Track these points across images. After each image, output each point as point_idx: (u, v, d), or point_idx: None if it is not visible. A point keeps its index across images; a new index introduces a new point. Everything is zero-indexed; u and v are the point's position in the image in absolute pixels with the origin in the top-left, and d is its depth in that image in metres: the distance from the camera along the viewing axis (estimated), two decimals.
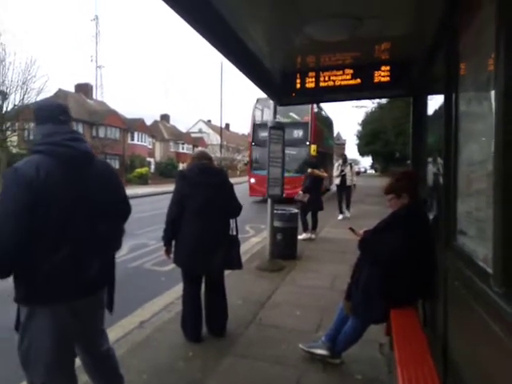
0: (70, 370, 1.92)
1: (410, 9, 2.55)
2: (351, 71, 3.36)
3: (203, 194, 3.18)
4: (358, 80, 3.34)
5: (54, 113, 1.84)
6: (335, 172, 11.29)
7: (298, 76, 3.53)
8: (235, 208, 3.45)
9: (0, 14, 44.29)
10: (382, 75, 3.28)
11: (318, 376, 2.82)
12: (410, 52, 3.20)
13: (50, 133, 1.79)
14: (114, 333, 3.31)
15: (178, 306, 3.81)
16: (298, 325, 3.71)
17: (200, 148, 4.62)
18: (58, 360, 1.81)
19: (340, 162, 11.43)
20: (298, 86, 3.50)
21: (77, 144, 1.81)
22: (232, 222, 3.44)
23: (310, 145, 14.91)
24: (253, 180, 15.91)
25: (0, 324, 2.73)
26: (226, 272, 3.51)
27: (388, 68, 3.26)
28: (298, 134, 15.04)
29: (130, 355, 3.03)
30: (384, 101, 17.69)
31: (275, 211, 6.08)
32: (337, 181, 11.14)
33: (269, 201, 5.99)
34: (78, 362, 2.04)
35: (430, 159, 3.09)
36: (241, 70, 3.40)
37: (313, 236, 8.01)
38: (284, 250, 6.13)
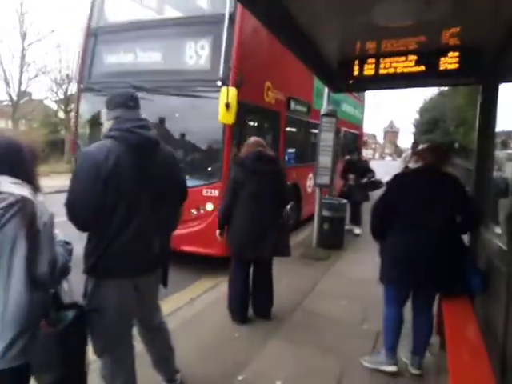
0: (128, 339, 2.08)
1: None
2: (415, 57, 3.17)
3: (258, 181, 3.23)
4: (422, 67, 3.15)
5: (124, 99, 1.95)
6: (401, 165, 9.66)
7: (357, 62, 3.41)
8: (287, 196, 3.49)
9: None
10: (448, 62, 3.07)
11: (362, 370, 2.81)
12: (482, 37, 2.96)
13: (121, 118, 1.91)
14: (166, 307, 3.50)
15: (225, 286, 3.95)
16: (344, 315, 3.70)
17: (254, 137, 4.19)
18: (118, 329, 1.97)
19: (408, 153, 9.96)
20: (356, 72, 3.38)
21: (144, 131, 1.91)
22: (283, 209, 3.49)
23: (222, 86, 4.37)
24: None
25: None
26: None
27: (457, 54, 3.04)
28: (192, 53, 4.84)
29: (179, 331, 3.20)
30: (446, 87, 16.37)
31: (323, 200, 6.03)
32: None
33: (317, 189, 5.95)
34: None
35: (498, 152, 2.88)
36: (295, 52, 3.33)
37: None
38: (330, 239, 6.07)
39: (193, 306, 3.81)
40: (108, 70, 5.55)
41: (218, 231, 3.46)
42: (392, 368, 2.73)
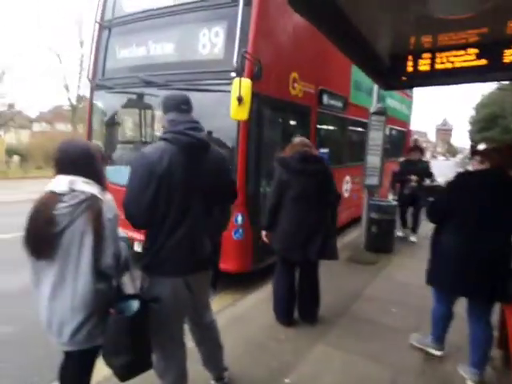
0: (179, 336, 2.14)
1: None
2: (476, 51, 2.95)
3: (303, 181, 3.19)
4: (484, 60, 2.93)
5: (176, 102, 2.02)
6: (457, 167, 8.41)
7: (411, 58, 3.24)
8: (334, 197, 3.40)
9: None
10: None
11: (415, 380, 2.67)
12: None
13: (174, 121, 1.98)
14: (213, 305, 3.56)
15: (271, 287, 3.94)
16: (394, 322, 3.54)
17: (300, 137, 3.87)
18: (169, 326, 2.03)
19: (466, 154, 8.68)
20: (410, 68, 3.20)
21: (195, 133, 1.96)
22: (330, 211, 3.41)
23: (236, 77, 3.74)
24: None
25: None
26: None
27: None
28: (206, 41, 4.32)
29: (225, 330, 3.23)
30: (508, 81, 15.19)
31: (371, 202, 5.83)
32: None
33: (365, 191, 5.76)
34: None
35: None
36: (344, 49, 3.23)
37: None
38: (379, 242, 5.85)
39: (238, 306, 3.84)
40: (120, 65, 5.14)
41: (263, 232, 3.46)
42: (438, 353, 2.92)
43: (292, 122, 5.39)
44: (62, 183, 1.63)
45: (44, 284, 1.64)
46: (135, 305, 1.80)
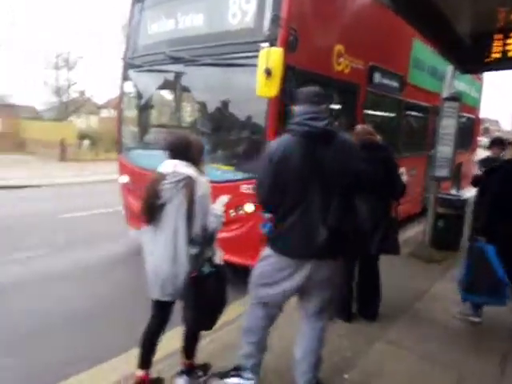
0: (270, 310, 2.25)
1: None
2: None
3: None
4: None
5: (307, 95, 2.05)
6: None
7: (496, 37, 2.89)
8: (398, 187, 3.19)
9: None
10: None
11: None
12: None
13: (298, 112, 2.03)
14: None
15: None
16: (462, 325, 3.31)
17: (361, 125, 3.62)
18: (261, 292, 2.17)
19: None
20: (496, 48, 2.86)
21: (314, 122, 1.95)
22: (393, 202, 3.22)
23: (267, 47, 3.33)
24: (126, 180, 4.97)
25: None
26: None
27: None
28: (236, 9, 3.87)
29: (283, 321, 3.18)
30: None
31: (439, 195, 5.43)
32: None
33: (433, 183, 5.37)
34: None
35: None
36: (420, 29, 2.97)
37: None
38: (445, 239, 5.44)
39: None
40: (150, 41, 4.78)
41: None
42: (476, 319, 3.27)
43: (335, 103, 4.67)
44: (168, 166, 2.09)
45: (153, 247, 2.09)
46: (207, 270, 2.08)
